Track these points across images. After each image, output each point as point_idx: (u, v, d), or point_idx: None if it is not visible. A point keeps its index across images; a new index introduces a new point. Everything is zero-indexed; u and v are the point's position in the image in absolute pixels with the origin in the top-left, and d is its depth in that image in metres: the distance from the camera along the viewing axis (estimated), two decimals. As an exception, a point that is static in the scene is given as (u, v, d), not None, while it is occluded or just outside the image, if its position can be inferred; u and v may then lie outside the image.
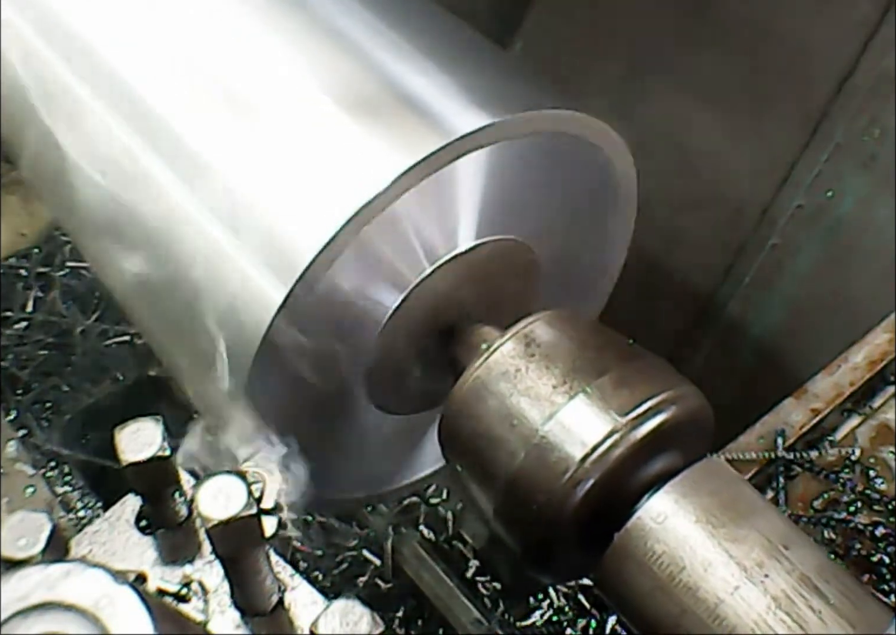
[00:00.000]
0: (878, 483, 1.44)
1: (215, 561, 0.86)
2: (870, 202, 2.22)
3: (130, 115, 1.11)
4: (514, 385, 0.97)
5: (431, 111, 1.03)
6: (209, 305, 1.03)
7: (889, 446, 1.49)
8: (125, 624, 0.57)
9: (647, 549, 0.90)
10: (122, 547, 0.89)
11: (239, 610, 0.85)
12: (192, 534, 0.89)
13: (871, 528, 1.38)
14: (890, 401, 1.56)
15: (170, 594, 0.87)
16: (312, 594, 0.87)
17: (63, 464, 1.91)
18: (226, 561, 0.80)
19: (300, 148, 1.02)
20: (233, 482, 0.76)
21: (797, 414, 1.53)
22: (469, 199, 1.06)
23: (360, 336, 1.07)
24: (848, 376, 1.57)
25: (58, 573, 0.59)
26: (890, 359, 1.59)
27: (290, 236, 0.98)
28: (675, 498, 0.91)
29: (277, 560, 0.88)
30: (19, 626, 0.56)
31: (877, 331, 1.65)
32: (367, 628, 0.74)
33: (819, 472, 1.45)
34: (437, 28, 1.20)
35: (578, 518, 0.94)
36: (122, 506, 0.92)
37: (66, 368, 2.09)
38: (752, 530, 0.89)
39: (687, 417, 0.96)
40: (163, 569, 0.88)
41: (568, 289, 1.25)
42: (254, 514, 0.75)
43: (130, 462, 0.82)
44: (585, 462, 0.92)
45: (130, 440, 0.82)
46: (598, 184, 1.17)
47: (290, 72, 1.07)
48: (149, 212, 1.08)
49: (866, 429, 1.52)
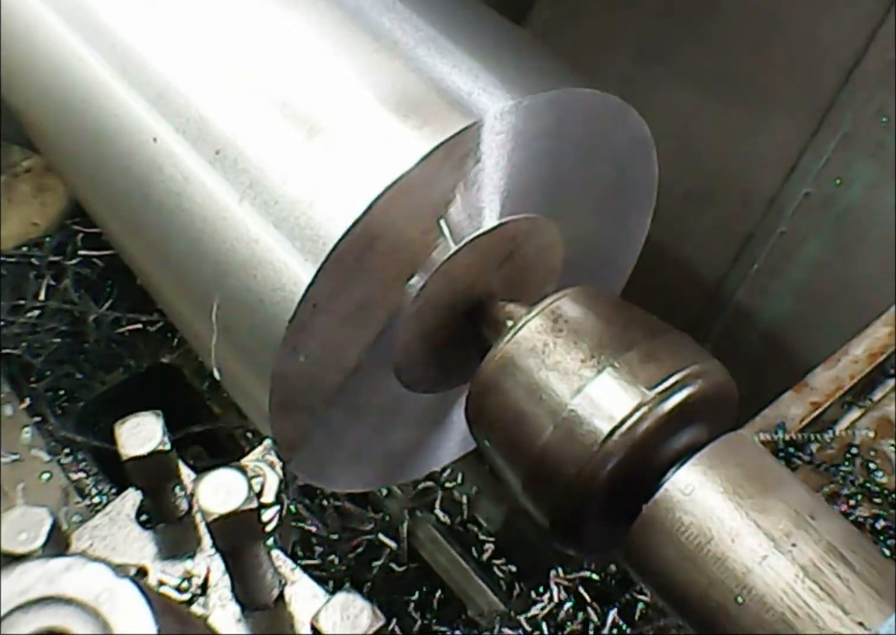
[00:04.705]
0: (879, 476, 1.44)
1: (216, 555, 0.87)
2: (878, 190, 2.23)
3: (169, 112, 1.12)
4: (542, 360, 0.98)
5: (456, 91, 1.04)
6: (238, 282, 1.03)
7: (889, 439, 1.49)
8: (126, 618, 0.58)
9: (675, 521, 0.91)
10: (122, 542, 0.90)
11: (240, 604, 0.86)
12: (192, 529, 0.90)
13: (871, 521, 1.39)
14: (890, 394, 1.57)
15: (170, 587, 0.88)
16: (313, 588, 0.88)
17: (77, 450, 1.92)
18: (226, 555, 0.80)
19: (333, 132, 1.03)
20: (233, 476, 0.76)
21: (797, 407, 1.53)
22: (494, 179, 1.07)
23: (388, 314, 1.07)
24: (848, 369, 1.58)
25: (58, 567, 0.59)
26: (890, 352, 1.59)
27: (319, 215, 0.99)
28: (702, 469, 0.92)
29: (278, 554, 0.89)
30: (20, 621, 0.57)
31: (877, 324, 1.66)
32: (367, 621, 0.75)
33: (819, 465, 1.45)
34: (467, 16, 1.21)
35: (607, 490, 0.95)
36: (123, 501, 0.93)
37: (79, 356, 2.10)
38: (778, 501, 0.90)
39: (712, 391, 0.98)
40: (163, 563, 0.88)
41: (590, 268, 1.26)
42: (254, 508, 0.76)
43: (131, 456, 0.82)
44: (614, 435, 0.93)
45: (131, 434, 0.83)
46: (622, 166, 1.18)
47: (338, 75, 1.08)
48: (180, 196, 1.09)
49: (867, 421, 1.53)
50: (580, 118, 1.09)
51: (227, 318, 1.06)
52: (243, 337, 1.06)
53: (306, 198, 1.00)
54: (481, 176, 1.05)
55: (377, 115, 1.02)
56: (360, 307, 1.04)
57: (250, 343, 1.05)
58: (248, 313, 1.03)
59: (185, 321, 1.23)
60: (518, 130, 1.04)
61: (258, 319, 1.02)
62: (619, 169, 1.18)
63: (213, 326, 1.06)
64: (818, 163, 2.26)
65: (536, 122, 1.05)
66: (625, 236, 1.29)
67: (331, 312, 1.01)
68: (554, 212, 1.14)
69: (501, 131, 1.03)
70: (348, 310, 1.03)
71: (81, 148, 1.26)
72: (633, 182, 1.22)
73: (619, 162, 1.17)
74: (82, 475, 1.90)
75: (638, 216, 1.27)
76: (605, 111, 1.11)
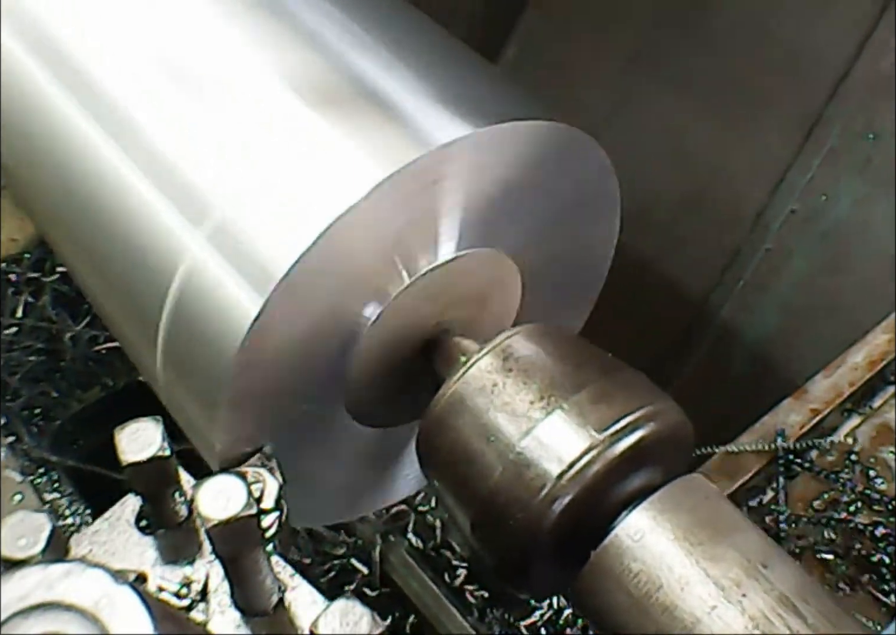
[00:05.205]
0: (878, 483, 1.44)
1: (215, 561, 0.86)
2: (865, 206, 2.20)
3: (106, 121, 1.11)
4: (492, 400, 0.96)
5: (413, 120, 1.02)
6: (187, 314, 1.02)
7: (889, 446, 1.49)
8: (125, 624, 0.57)
9: (624, 567, 0.89)
10: (122, 547, 0.89)
11: (239, 610, 0.85)
12: (192, 534, 0.89)
13: (871, 528, 1.38)
14: (890, 401, 1.56)
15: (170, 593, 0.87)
16: (312, 594, 0.87)
17: (52, 470, 1.90)
18: (226, 560, 0.80)
19: (275, 154, 1.01)
20: (233, 482, 0.76)
21: (797, 414, 1.53)
22: (450, 210, 1.05)
23: (340, 347, 1.05)
24: (848, 376, 1.57)
25: (58, 573, 0.59)
26: (890, 360, 1.59)
27: (266, 246, 0.97)
28: (652, 515, 0.90)
29: (277, 560, 0.88)
30: (19, 626, 0.57)
31: (876, 331, 1.65)
32: (367, 628, 0.74)
33: (819, 472, 1.45)
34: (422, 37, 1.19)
35: (555, 534, 0.93)
36: (122, 506, 0.92)
37: (55, 374, 2.08)
38: (730, 548, 0.88)
39: (666, 433, 0.95)
40: (163, 569, 0.88)
41: (552, 300, 1.23)
42: (254, 514, 0.75)
43: (130, 462, 0.82)
44: (562, 478, 0.91)
45: (130, 440, 0.83)
46: (582, 195, 1.16)
47: (261, 69, 1.07)
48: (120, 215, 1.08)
49: (866, 428, 1.53)
50: (540, 150, 1.07)
51: (174, 347, 1.05)
52: (190, 366, 1.05)
53: (257, 225, 0.98)
54: (438, 207, 1.03)
55: (330, 142, 1.01)
56: (310, 339, 1.02)
57: (197, 375, 1.04)
58: (196, 343, 1.01)
59: (130, 346, 1.22)
60: (475, 161, 1.02)
61: (206, 351, 1.00)
62: (580, 199, 1.16)
63: (158, 352, 1.05)
64: (804, 178, 2.24)
65: (495, 153, 1.03)
66: (589, 264, 1.27)
67: (279, 344, 0.99)
68: (513, 244, 1.12)
69: (458, 161, 1.01)
70: (298, 341, 1.01)
71: (38, 177, 1.25)
72: (595, 211, 1.20)
73: (580, 192, 1.15)
74: (56, 495, 1.88)
75: (601, 244, 1.25)
76: (565, 142, 1.08)
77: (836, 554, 1.36)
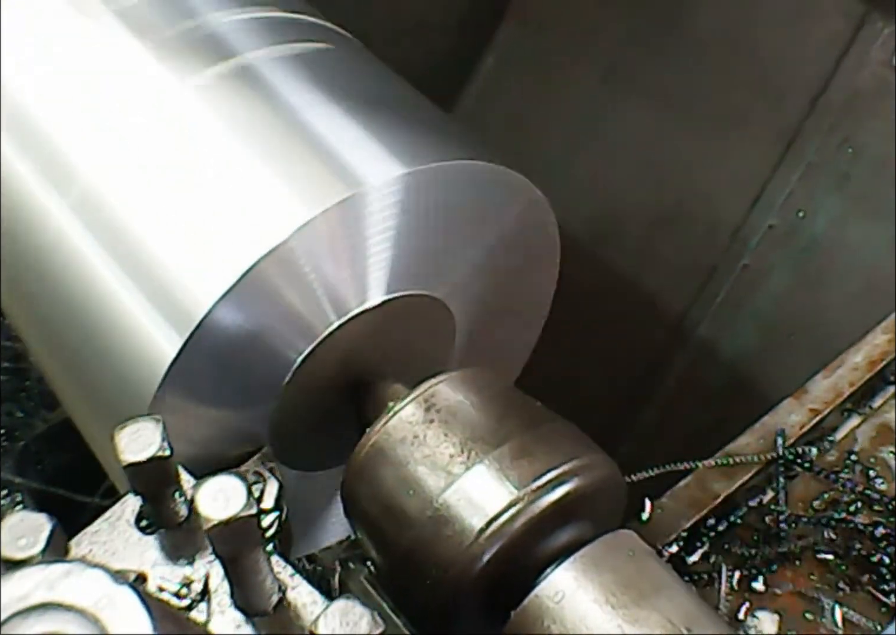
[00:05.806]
0: (878, 483, 1.42)
1: (215, 561, 0.85)
2: (843, 222, 2.17)
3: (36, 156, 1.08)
4: (412, 452, 0.93)
5: (341, 160, 1.00)
6: (103, 359, 1.00)
7: (889, 446, 1.47)
8: (125, 625, 0.57)
9: (544, 629, 0.86)
10: (121, 547, 0.89)
11: (239, 610, 0.84)
12: (192, 534, 0.89)
13: (871, 528, 1.35)
14: (890, 401, 1.54)
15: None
16: (312, 594, 0.86)
17: (16, 492, 1.88)
18: (226, 560, 0.79)
19: (199, 190, 0.99)
20: (232, 482, 0.75)
21: (797, 414, 1.51)
22: (380, 251, 1.02)
23: (266, 388, 1.03)
24: (847, 376, 1.55)
25: (58, 573, 0.59)
26: (890, 360, 1.57)
27: (187, 285, 0.95)
28: (574, 575, 0.87)
29: (277, 560, 0.87)
30: (19, 626, 0.57)
31: (876, 331, 1.63)
32: (367, 628, 0.73)
33: (819, 472, 1.43)
34: (366, 80, 1.16)
35: (476, 592, 0.90)
36: (122, 506, 0.91)
37: (20, 394, 2.06)
38: (653, 611, 0.85)
39: (593, 488, 0.92)
40: (163, 569, 0.87)
41: (490, 341, 1.20)
42: (254, 514, 0.74)
43: (130, 462, 0.81)
44: (483, 534, 0.89)
45: (130, 440, 0.82)
46: (519, 238, 1.13)
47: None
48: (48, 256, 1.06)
49: (866, 429, 1.50)
50: (471, 190, 1.04)
51: (93, 386, 1.04)
52: (107, 405, 1.04)
53: (180, 264, 0.97)
54: (367, 247, 1.01)
55: (258, 179, 0.98)
56: (234, 379, 1.00)
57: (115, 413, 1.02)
58: (114, 383, 1.01)
59: (53, 380, 1.20)
60: (405, 201, 1.00)
61: (124, 391, 0.99)
62: (514, 237, 1.13)
63: (79, 390, 1.05)
64: (782, 194, 2.21)
65: (425, 194, 1.01)
66: (529, 306, 1.24)
67: (201, 384, 0.97)
68: (446, 289, 1.10)
69: (388, 201, 0.98)
70: (221, 382, 0.99)
71: None
72: (533, 253, 1.17)
73: (514, 231, 1.12)
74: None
75: (541, 285, 1.22)
76: (497, 183, 1.06)
77: (836, 554, 1.34)
